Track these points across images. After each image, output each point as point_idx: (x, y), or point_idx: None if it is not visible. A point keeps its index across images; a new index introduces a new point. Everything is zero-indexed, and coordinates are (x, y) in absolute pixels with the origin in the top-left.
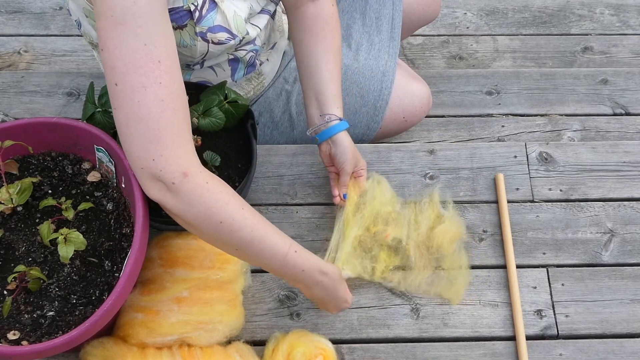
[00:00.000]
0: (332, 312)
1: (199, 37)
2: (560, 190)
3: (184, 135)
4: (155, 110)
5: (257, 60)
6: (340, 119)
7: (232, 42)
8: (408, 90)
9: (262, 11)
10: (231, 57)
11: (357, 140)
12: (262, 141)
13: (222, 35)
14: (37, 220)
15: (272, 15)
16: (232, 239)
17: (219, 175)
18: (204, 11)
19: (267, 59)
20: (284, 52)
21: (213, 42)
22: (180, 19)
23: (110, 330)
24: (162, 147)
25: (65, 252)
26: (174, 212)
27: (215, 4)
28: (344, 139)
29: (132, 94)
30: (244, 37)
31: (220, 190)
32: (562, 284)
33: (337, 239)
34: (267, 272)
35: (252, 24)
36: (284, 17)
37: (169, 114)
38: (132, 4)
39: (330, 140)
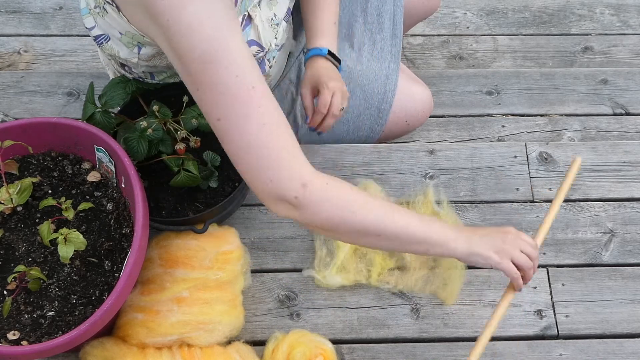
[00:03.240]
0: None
1: None
2: None
3: (291, 151)
4: (261, 135)
5: (266, 61)
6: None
7: (261, 54)
8: (410, 94)
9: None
10: None
11: (361, 142)
12: None
13: (254, 49)
14: (37, 220)
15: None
16: (368, 223)
17: (219, 175)
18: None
19: (275, 61)
20: (289, 53)
21: None
22: None
23: (110, 330)
24: (276, 169)
25: (65, 252)
26: (308, 223)
27: (251, 19)
28: (310, 62)
29: (237, 126)
30: (269, 48)
31: (340, 185)
32: (562, 284)
33: (326, 247)
34: (267, 272)
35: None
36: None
37: (275, 136)
38: (215, 40)
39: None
